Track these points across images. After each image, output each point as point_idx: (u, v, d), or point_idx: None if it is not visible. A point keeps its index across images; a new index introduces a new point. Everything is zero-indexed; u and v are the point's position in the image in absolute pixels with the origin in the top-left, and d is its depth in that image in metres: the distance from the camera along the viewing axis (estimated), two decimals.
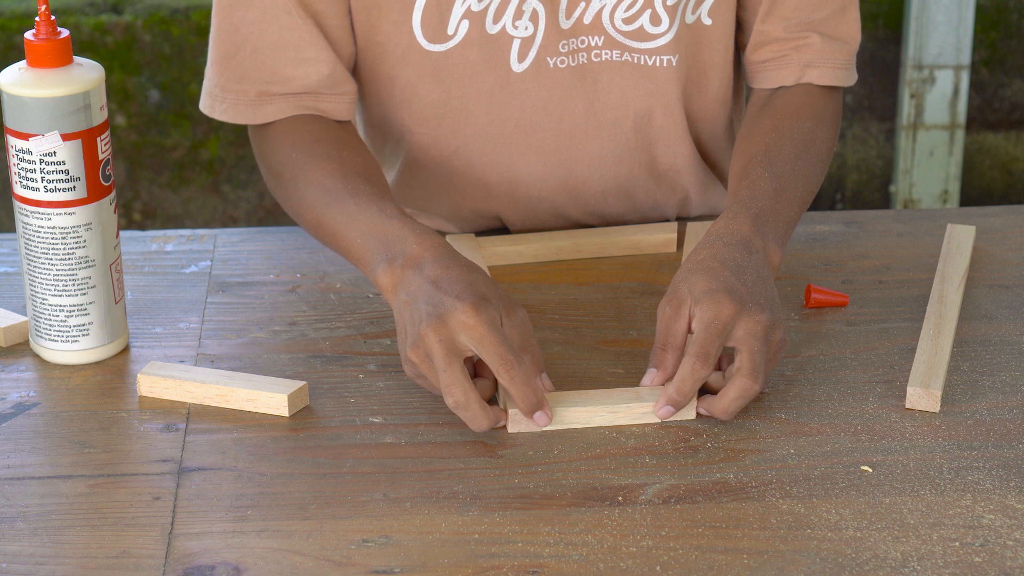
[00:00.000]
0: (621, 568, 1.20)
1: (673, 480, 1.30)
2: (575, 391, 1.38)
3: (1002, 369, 1.47)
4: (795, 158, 1.55)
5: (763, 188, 1.49)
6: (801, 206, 1.53)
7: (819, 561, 1.21)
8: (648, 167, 1.68)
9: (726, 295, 1.36)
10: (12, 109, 1.40)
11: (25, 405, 1.41)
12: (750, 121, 1.62)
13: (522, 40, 1.58)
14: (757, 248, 1.43)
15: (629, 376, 1.44)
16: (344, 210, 1.48)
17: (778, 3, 1.62)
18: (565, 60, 1.60)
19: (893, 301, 1.58)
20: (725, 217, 1.46)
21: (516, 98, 1.61)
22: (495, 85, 1.60)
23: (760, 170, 1.51)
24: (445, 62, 1.59)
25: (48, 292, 1.44)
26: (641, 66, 1.61)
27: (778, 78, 1.64)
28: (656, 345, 1.39)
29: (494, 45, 1.59)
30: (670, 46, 1.61)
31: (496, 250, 1.64)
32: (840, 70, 1.64)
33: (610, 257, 1.66)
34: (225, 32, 1.58)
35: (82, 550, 1.22)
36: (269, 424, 1.38)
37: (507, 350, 1.32)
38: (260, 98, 1.59)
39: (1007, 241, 1.70)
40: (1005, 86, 3.50)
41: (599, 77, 1.61)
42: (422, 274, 1.37)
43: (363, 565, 1.20)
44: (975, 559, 1.21)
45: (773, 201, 1.48)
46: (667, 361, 1.38)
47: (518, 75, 1.60)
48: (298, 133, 1.57)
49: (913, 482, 1.30)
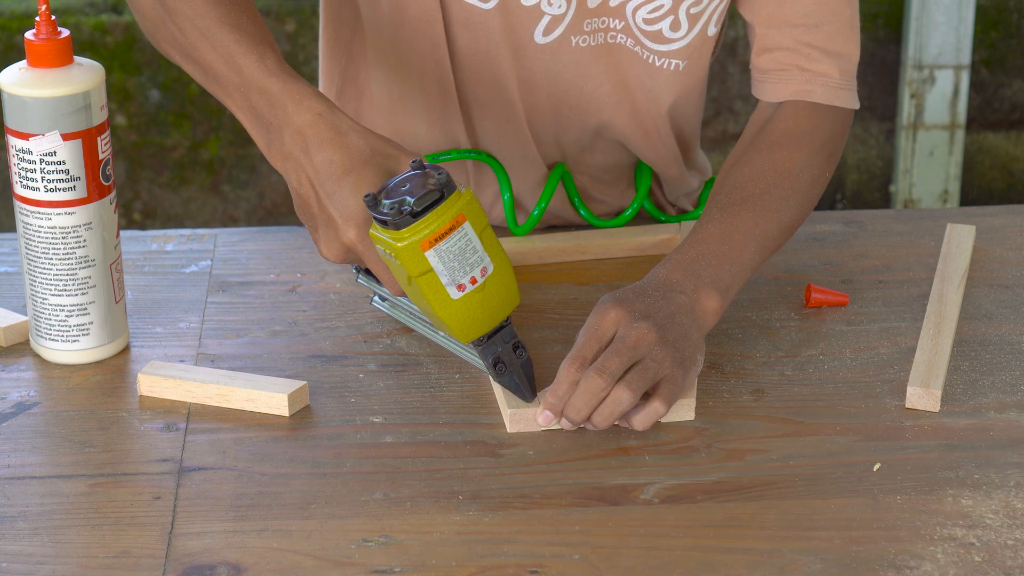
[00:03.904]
0: (621, 568, 1.20)
1: (673, 480, 1.30)
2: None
3: (1002, 369, 1.47)
4: (760, 194, 1.51)
5: (708, 231, 1.47)
6: (761, 244, 1.49)
7: (819, 561, 1.21)
8: (630, 154, 1.70)
9: (622, 308, 1.37)
10: (12, 109, 1.40)
11: (25, 405, 1.41)
12: (741, 147, 1.59)
13: (552, 17, 1.59)
14: (685, 292, 1.41)
15: None
16: (221, 46, 1.42)
17: (786, 7, 1.61)
18: (587, 39, 1.60)
19: (893, 301, 1.58)
20: (662, 263, 1.45)
21: (531, 64, 1.61)
22: (511, 50, 1.61)
23: (714, 211, 1.49)
24: (481, 17, 1.59)
25: (48, 292, 1.44)
26: (648, 63, 1.62)
27: (776, 92, 1.61)
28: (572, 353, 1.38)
29: (525, 15, 1.59)
30: (682, 52, 1.61)
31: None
32: (842, 90, 1.60)
33: (610, 257, 1.66)
34: None
35: (82, 550, 1.22)
36: (269, 424, 1.38)
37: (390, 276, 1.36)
38: None
39: (1007, 241, 1.70)
40: (1005, 86, 3.50)
41: (611, 59, 1.62)
42: (304, 171, 1.37)
43: (363, 565, 1.20)
44: (975, 559, 1.21)
45: (717, 245, 1.46)
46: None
47: (538, 46, 1.60)
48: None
49: (913, 482, 1.30)
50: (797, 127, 1.58)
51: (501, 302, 1.34)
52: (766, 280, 1.62)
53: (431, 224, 1.29)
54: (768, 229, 1.49)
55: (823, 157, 1.58)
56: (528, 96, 1.64)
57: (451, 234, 1.29)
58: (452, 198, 1.29)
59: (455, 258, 1.30)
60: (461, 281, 1.31)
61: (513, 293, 1.35)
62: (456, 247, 1.30)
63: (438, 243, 1.29)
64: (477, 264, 1.31)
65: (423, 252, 1.29)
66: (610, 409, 1.33)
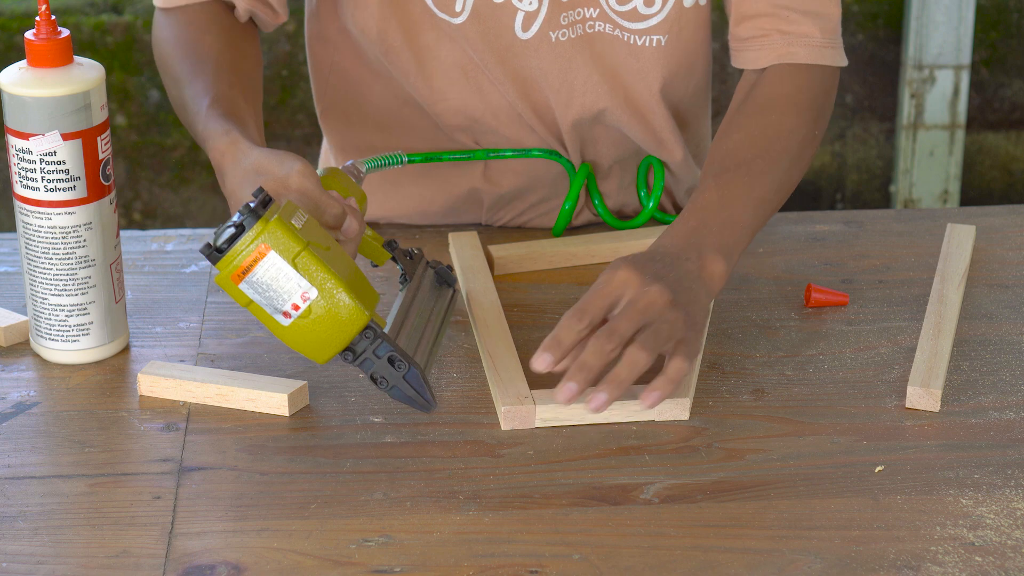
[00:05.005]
0: (621, 568, 1.20)
1: (673, 480, 1.30)
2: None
3: (1002, 369, 1.47)
4: (753, 159, 1.53)
5: (706, 198, 1.48)
6: (758, 207, 1.50)
7: (819, 561, 1.21)
8: (632, 142, 1.70)
9: (627, 265, 1.36)
10: (12, 109, 1.40)
11: (25, 404, 1.41)
12: (729, 115, 1.62)
13: (526, 13, 1.60)
14: (686, 258, 1.42)
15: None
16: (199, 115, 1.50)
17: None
18: (566, 32, 1.61)
19: (893, 301, 1.58)
20: (664, 233, 1.46)
21: (521, 62, 1.62)
22: (503, 48, 1.61)
23: (709, 179, 1.51)
24: (459, 31, 1.61)
25: (48, 292, 1.44)
26: (630, 44, 1.62)
27: (759, 59, 1.62)
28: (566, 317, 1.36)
29: (499, 15, 1.60)
30: (660, 27, 1.62)
31: (509, 258, 1.63)
32: (825, 48, 1.61)
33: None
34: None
35: (82, 549, 1.22)
36: (269, 424, 1.38)
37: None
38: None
39: (1007, 241, 1.70)
40: (1005, 86, 3.50)
41: (594, 48, 1.62)
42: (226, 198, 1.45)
43: (363, 564, 1.20)
44: (975, 559, 1.21)
45: (716, 211, 1.47)
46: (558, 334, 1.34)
47: (523, 42, 1.61)
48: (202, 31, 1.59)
49: (913, 482, 1.30)
50: (783, 90, 1.59)
51: (338, 323, 1.32)
52: (766, 280, 1.62)
53: (234, 258, 1.31)
54: (763, 192, 1.51)
55: (811, 117, 1.59)
56: (527, 96, 1.65)
57: (255, 266, 1.31)
58: (253, 230, 1.30)
59: (269, 288, 1.31)
60: (284, 308, 1.32)
61: (352, 312, 1.32)
62: (266, 277, 1.31)
63: (247, 275, 1.31)
64: (295, 291, 1.31)
65: (236, 285, 1.31)
66: (627, 371, 1.31)
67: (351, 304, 1.32)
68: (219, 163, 1.44)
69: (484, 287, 1.57)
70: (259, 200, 1.31)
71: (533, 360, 1.32)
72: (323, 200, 1.39)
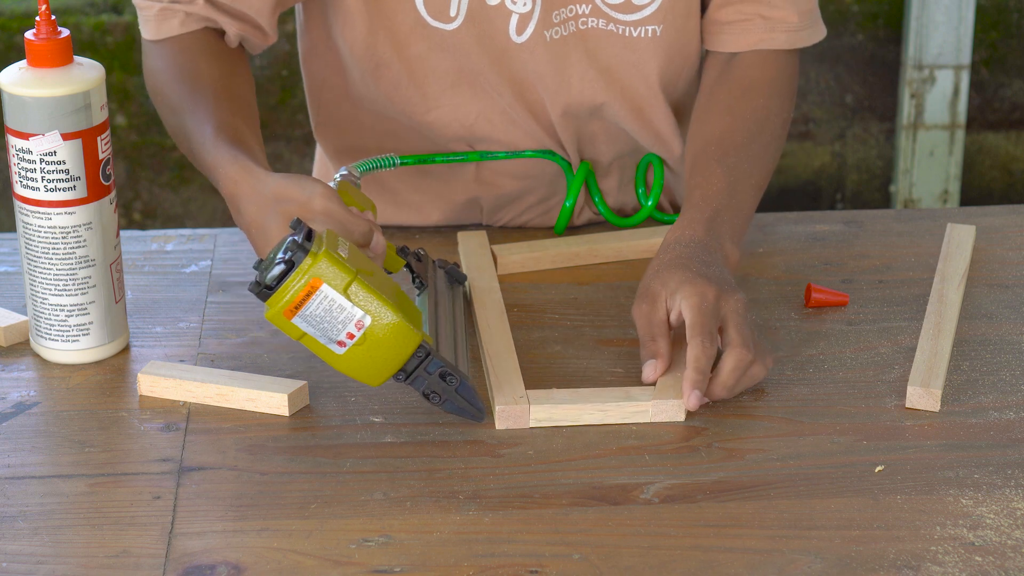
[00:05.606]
0: (621, 568, 1.20)
1: (673, 480, 1.30)
2: (566, 389, 1.39)
3: (1002, 369, 1.47)
4: (748, 143, 1.58)
5: (717, 186, 1.53)
6: (756, 193, 1.57)
7: (819, 561, 1.21)
8: (630, 139, 1.70)
9: (703, 280, 1.42)
10: (12, 109, 1.40)
11: (25, 404, 1.41)
12: (705, 97, 1.63)
13: (520, 16, 1.60)
14: (714, 250, 1.48)
15: (629, 376, 1.44)
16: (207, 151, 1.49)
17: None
18: (559, 31, 1.61)
19: (893, 301, 1.58)
20: (681, 223, 1.51)
21: (516, 65, 1.62)
22: (497, 52, 1.61)
23: (714, 165, 1.55)
24: (452, 38, 1.61)
25: (48, 292, 1.44)
26: (625, 37, 1.63)
27: (738, 42, 1.65)
28: (644, 340, 1.42)
29: (493, 18, 1.60)
30: (655, 16, 1.63)
31: (513, 258, 1.63)
32: (802, 31, 1.65)
33: (620, 260, 1.66)
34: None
35: (82, 549, 1.22)
36: (269, 424, 1.38)
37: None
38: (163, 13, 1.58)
39: (1007, 241, 1.70)
40: (1005, 86, 3.50)
41: (587, 45, 1.63)
42: (242, 229, 1.44)
43: (363, 564, 1.20)
44: (975, 559, 1.21)
45: (727, 199, 1.52)
46: (661, 348, 1.41)
47: (518, 45, 1.61)
48: (193, 59, 1.58)
49: (913, 482, 1.30)
50: (765, 74, 1.64)
51: (394, 347, 1.33)
52: (766, 280, 1.62)
53: (285, 295, 1.30)
54: (760, 177, 1.58)
55: (789, 99, 1.66)
56: (522, 98, 1.64)
57: (308, 300, 1.30)
58: (303, 266, 1.30)
59: (323, 320, 1.31)
60: (339, 338, 1.32)
61: (407, 335, 1.32)
62: (320, 309, 1.31)
63: (299, 310, 1.31)
64: (349, 320, 1.31)
65: (289, 320, 1.31)
66: (748, 382, 1.40)
67: (405, 327, 1.32)
68: (232, 192, 1.43)
69: (489, 286, 1.57)
70: (303, 233, 1.31)
71: (687, 400, 1.37)
72: (349, 220, 1.38)
